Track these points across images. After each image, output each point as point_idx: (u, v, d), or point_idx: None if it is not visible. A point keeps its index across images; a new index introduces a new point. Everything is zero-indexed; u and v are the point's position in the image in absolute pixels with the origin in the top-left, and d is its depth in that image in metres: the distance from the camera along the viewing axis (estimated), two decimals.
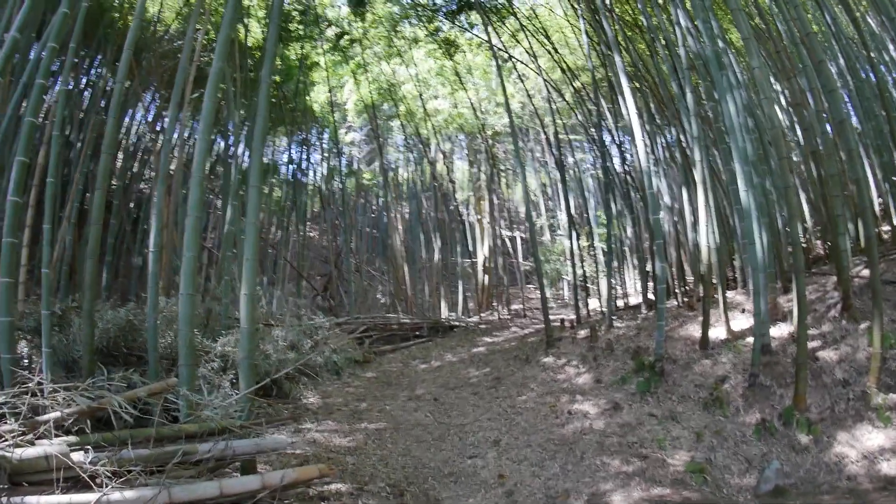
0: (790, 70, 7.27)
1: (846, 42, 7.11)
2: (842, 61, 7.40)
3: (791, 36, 6.32)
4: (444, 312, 16.53)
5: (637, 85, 9.72)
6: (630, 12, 10.96)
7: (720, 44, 6.36)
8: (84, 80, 12.48)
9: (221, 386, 5.44)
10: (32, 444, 3.24)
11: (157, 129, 13.87)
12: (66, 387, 3.68)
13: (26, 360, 6.34)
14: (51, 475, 3.12)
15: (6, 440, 3.15)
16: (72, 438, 3.44)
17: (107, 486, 3.01)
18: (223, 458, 3.83)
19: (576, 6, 11.38)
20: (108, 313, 6.68)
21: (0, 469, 3.03)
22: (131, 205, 14.03)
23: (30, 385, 3.50)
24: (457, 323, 13.55)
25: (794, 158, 7.63)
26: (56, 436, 3.34)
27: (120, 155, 13.77)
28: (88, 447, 3.33)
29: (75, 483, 3.17)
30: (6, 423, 3.29)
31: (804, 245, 8.05)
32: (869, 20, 7.86)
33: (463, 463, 5.10)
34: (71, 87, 11.29)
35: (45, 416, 3.44)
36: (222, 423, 4.00)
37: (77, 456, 3.20)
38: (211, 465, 3.78)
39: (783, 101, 8.09)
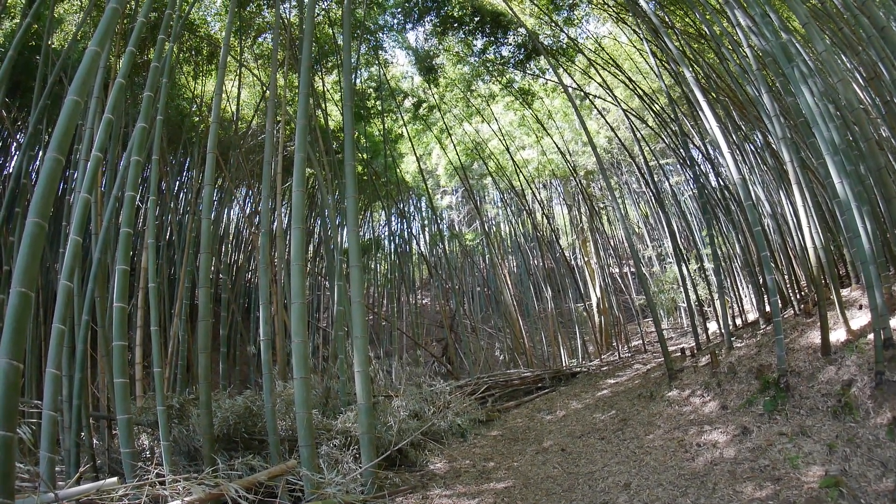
0: (856, 44, 6.88)
1: None
2: None
3: (848, 8, 6.04)
4: (565, 360, 16.22)
5: (714, 96, 9.48)
6: (692, 23, 10.80)
7: (783, 35, 6.17)
8: (177, 183, 13.41)
9: (344, 461, 5.58)
10: None
11: (256, 221, 14.48)
12: (185, 477, 3.81)
13: (148, 453, 6.74)
14: None
15: None
16: None
17: None
18: None
19: (637, 30, 11.37)
20: (226, 402, 6.87)
21: None
22: (242, 295, 14.83)
23: (149, 477, 3.68)
24: (578, 369, 13.25)
25: (883, 134, 7.12)
26: None
27: (226, 248, 14.73)
28: None
29: None
30: None
31: None
32: None
33: None
34: (164, 191, 12.05)
35: None
36: (346, 498, 4.15)
37: None
38: None
39: (860, 79, 7.63)
